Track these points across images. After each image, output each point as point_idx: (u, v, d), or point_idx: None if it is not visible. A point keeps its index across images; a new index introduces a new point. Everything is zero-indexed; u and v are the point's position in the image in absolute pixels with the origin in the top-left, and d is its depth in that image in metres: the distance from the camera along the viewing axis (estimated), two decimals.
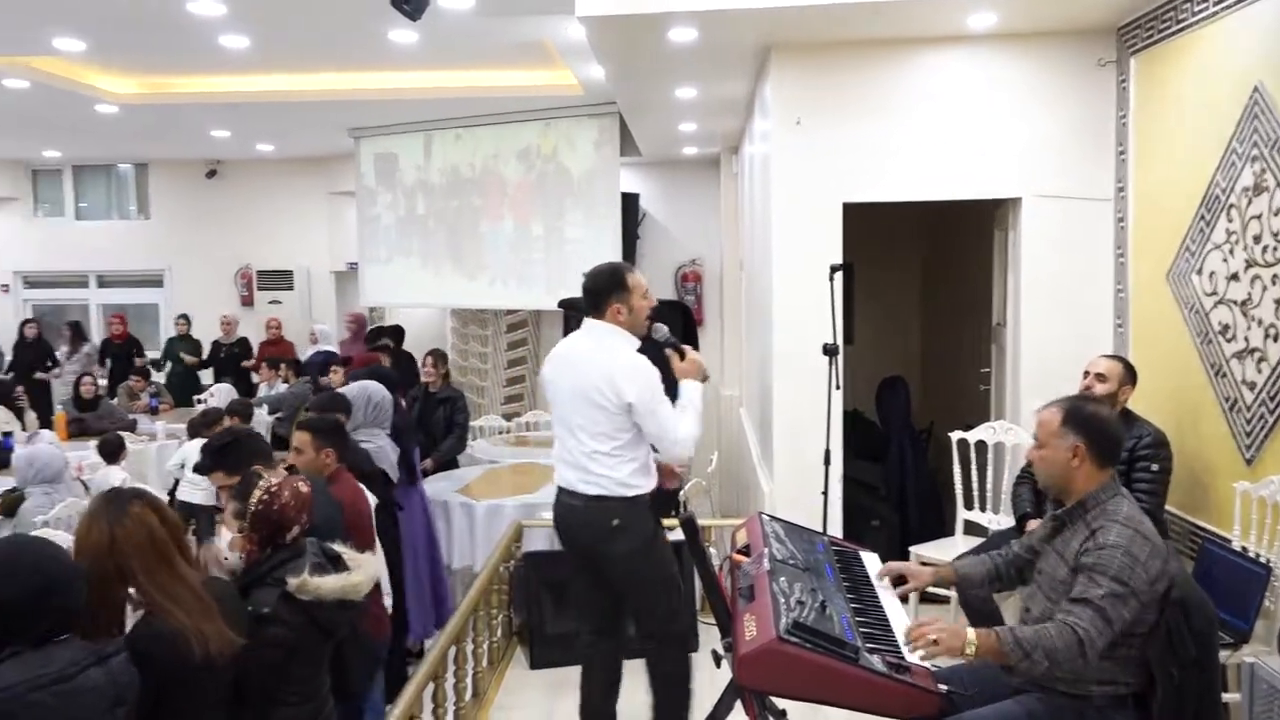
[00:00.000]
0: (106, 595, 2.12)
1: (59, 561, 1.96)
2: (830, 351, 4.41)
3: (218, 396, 8.11)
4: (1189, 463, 3.96)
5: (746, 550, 2.88)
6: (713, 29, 4.82)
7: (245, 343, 10.62)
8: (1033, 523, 3.90)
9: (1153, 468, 3.75)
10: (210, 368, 10.46)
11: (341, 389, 4.81)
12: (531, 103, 8.82)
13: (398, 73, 8.34)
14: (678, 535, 3.20)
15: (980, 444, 4.92)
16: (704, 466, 6.79)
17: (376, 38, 6.64)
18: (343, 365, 6.34)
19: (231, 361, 10.29)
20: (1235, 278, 3.73)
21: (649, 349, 3.48)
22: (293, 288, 12.63)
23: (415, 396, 6.70)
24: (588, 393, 3.35)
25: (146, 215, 12.93)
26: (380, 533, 4.11)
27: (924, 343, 7.85)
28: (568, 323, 5.69)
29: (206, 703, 2.21)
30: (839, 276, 4.54)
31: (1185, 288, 4.09)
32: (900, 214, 6.39)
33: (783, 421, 5.06)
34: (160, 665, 2.06)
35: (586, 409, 3.36)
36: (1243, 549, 3.55)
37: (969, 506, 4.95)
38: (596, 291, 3.43)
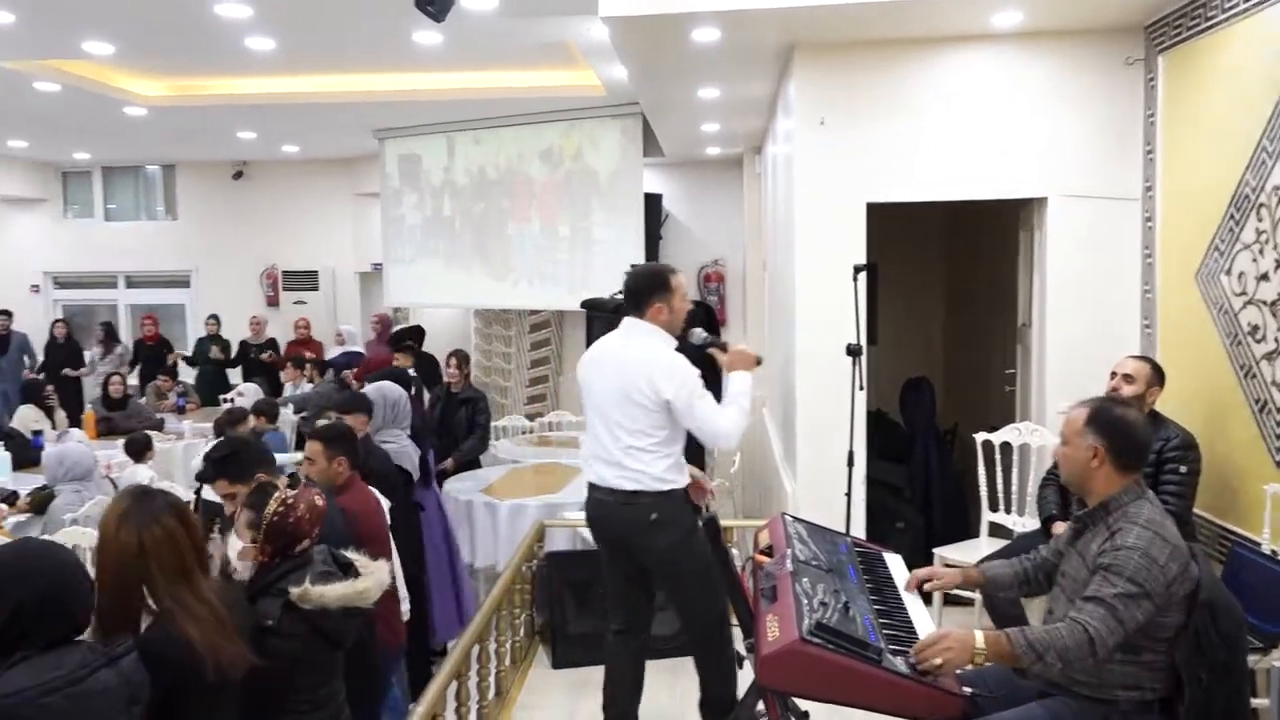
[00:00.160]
0: (125, 598, 2.11)
1: (69, 565, 1.95)
2: (854, 352, 4.39)
3: (246, 396, 8.18)
4: (1218, 465, 3.91)
5: (769, 551, 2.87)
6: (736, 29, 4.81)
7: (274, 343, 10.71)
8: (1058, 525, 3.88)
9: (1181, 470, 3.71)
10: (238, 367, 10.55)
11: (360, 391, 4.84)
12: (554, 103, 8.85)
13: (422, 74, 8.39)
14: None
15: (1005, 445, 4.88)
16: (727, 467, 6.78)
17: (401, 39, 6.68)
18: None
19: (259, 361, 10.37)
20: (1265, 278, 3.68)
21: (686, 349, 3.52)
22: (318, 288, 12.73)
23: (438, 397, 6.72)
24: (627, 390, 3.40)
25: (174, 216, 13.08)
26: (403, 533, 4.13)
27: (948, 343, 7.81)
28: (590, 323, 5.69)
29: (217, 715, 2.19)
30: (863, 276, 4.52)
31: (1214, 288, 4.05)
32: (925, 214, 6.36)
33: (806, 422, 5.05)
34: (171, 669, 2.05)
35: (625, 406, 3.41)
36: (1272, 552, 3.51)
37: (994, 508, 4.92)
38: (640, 291, 3.48)
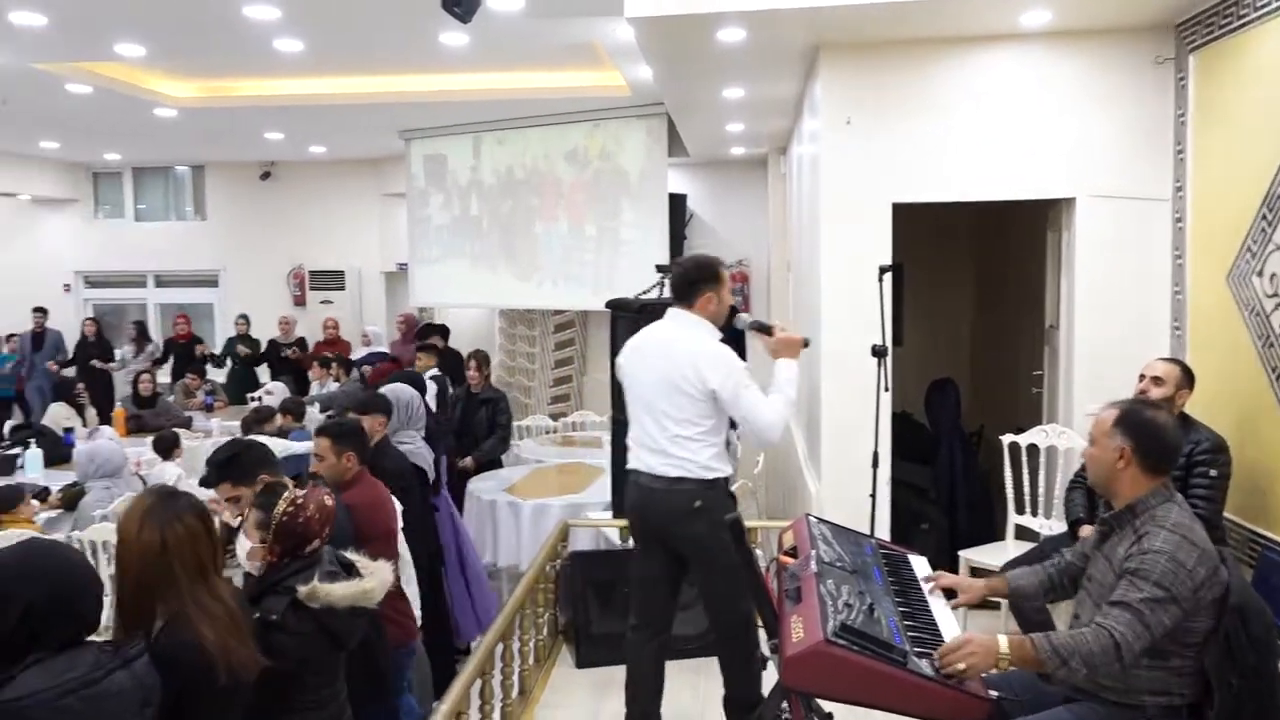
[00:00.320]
0: (144, 597, 2.11)
1: (76, 565, 1.95)
2: (879, 353, 4.37)
3: (274, 394, 8.25)
4: (1248, 468, 3.87)
5: (794, 552, 2.86)
6: (761, 29, 4.80)
7: (303, 343, 10.80)
8: (1085, 528, 3.84)
9: (1211, 473, 3.67)
10: (265, 363, 10.64)
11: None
12: (579, 104, 8.86)
13: (448, 75, 8.43)
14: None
15: (1032, 447, 4.85)
16: (750, 467, 6.77)
17: (428, 40, 6.71)
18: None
19: (287, 360, 10.46)
20: None
21: (729, 339, 3.54)
22: (344, 288, 12.82)
23: (457, 398, 6.73)
24: (674, 379, 3.43)
25: (203, 216, 13.21)
26: (419, 533, 4.12)
27: (974, 344, 7.76)
28: (615, 324, 5.68)
29: (227, 717, 2.19)
30: (888, 277, 4.50)
31: (1246, 289, 4.00)
32: (951, 214, 6.32)
33: (830, 423, 5.03)
34: (183, 672, 2.05)
35: (672, 395, 3.44)
36: None
37: (1020, 511, 4.88)
38: (691, 281, 3.51)
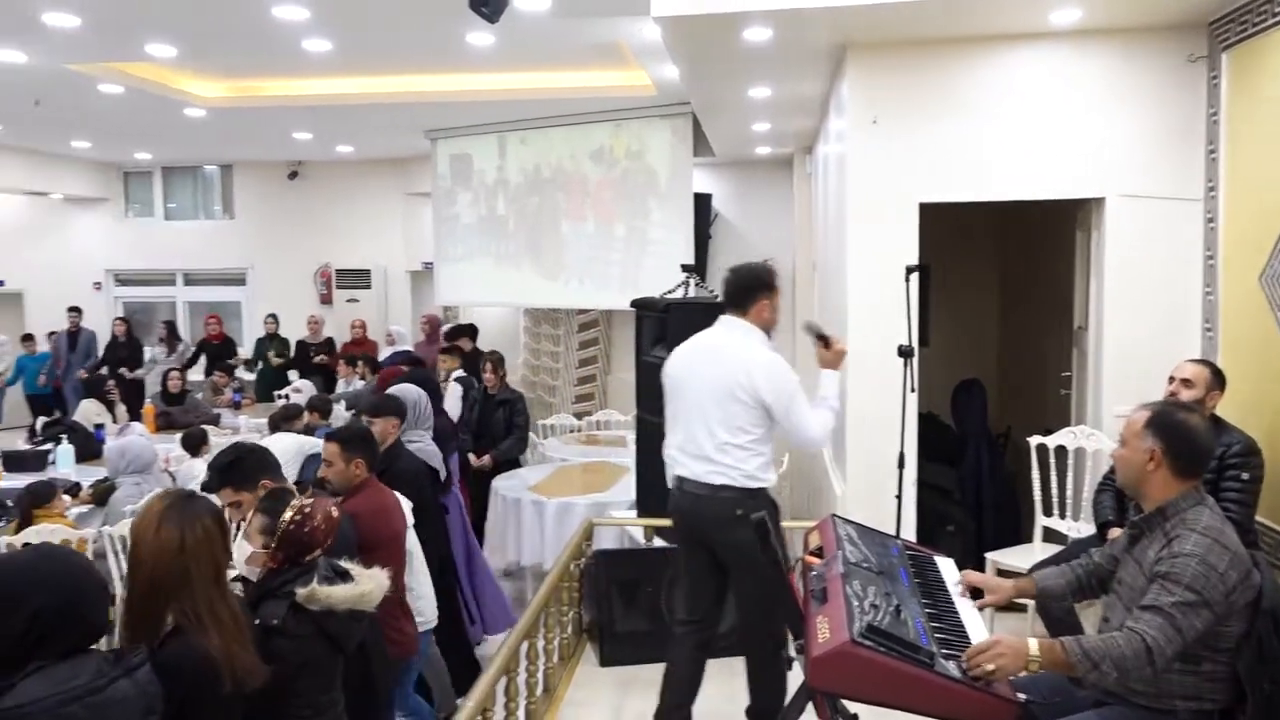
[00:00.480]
0: (156, 599, 2.10)
1: (85, 572, 1.92)
2: (905, 353, 4.36)
3: (302, 392, 8.32)
4: None
5: (819, 552, 2.86)
6: (788, 28, 4.79)
7: (330, 342, 10.88)
8: (1114, 531, 3.81)
9: (1243, 476, 3.63)
10: (295, 369, 10.73)
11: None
12: (605, 103, 8.88)
13: (474, 74, 8.46)
14: None
15: (1060, 449, 4.81)
16: (775, 467, 6.75)
17: (454, 40, 6.74)
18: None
19: (317, 364, 10.55)
20: None
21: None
22: (370, 286, 12.90)
23: (474, 399, 6.74)
24: (728, 387, 3.43)
25: (231, 215, 13.34)
26: (430, 533, 4.10)
27: (1002, 345, 7.70)
28: (640, 324, 5.68)
29: None
30: (915, 277, 4.48)
31: (1279, 291, 3.95)
32: (979, 214, 6.28)
33: (856, 424, 5.01)
34: (188, 680, 2.04)
35: (724, 402, 3.44)
36: None
37: (1048, 513, 4.85)
38: (747, 288, 3.53)
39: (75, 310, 11.24)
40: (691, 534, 3.61)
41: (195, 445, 6.26)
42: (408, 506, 3.82)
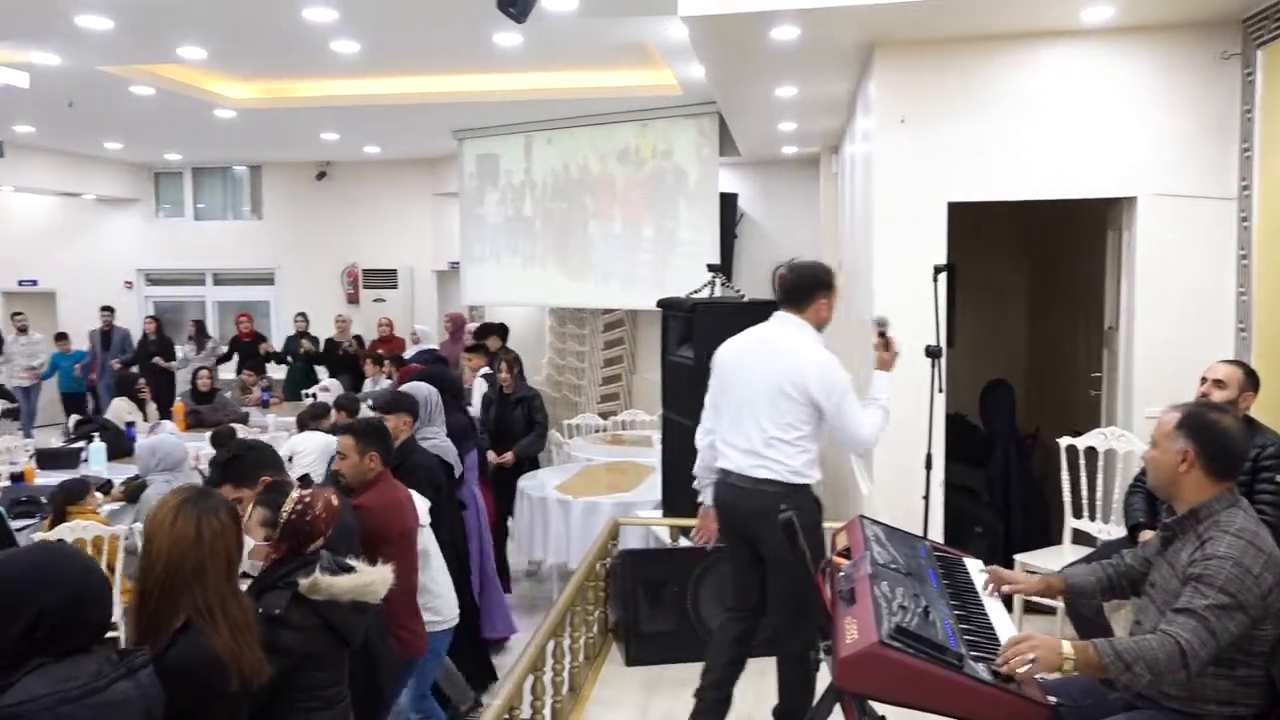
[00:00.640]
0: (168, 594, 2.09)
1: (91, 572, 1.89)
2: (933, 354, 4.33)
3: (330, 391, 8.38)
4: None
5: (847, 553, 2.84)
6: (816, 27, 4.78)
7: (360, 340, 10.96)
8: (1145, 533, 3.77)
9: (1277, 478, 3.58)
10: (324, 365, 10.82)
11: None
12: (631, 103, 8.88)
13: (501, 75, 8.49)
14: None
15: (1090, 451, 4.77)
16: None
17: (482, 41, 6.77)
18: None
19: (345, 359, 10.63)
20: None
21: None
22: (396, 286, 12.98)
23: (490, 400, 6.73)
24: (779, 383, 3.43)
25: (259, 215, 13.46)
26: (446, 528, 4.10)
27: (1030, 346, 7.64)
28: (666, 323, 5.68)
29: None
30: (942, 277, 4.45)
31: None
32: (1007, 213, 6.23)
33: None
34: (196, 683, 2.03)
35: (775, 398, 3.44)
36: None
37: (1077, 515, 4.80)
38: (808, 286, 3.54)
39: (108, 309, 11.39)
40: (734, 527, 3.62)
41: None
42: (424, 506, 3.81)
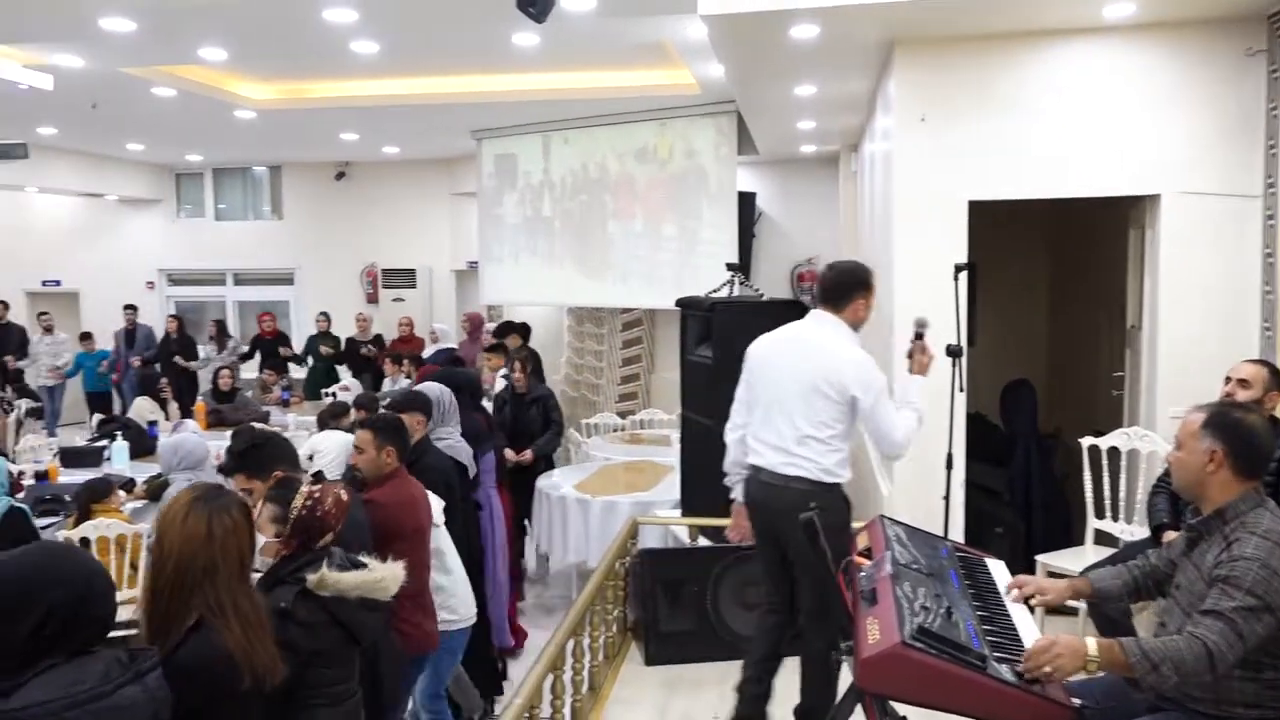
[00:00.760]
0: (179, 591, 2.09)
1: (96, 572, 1.88)
2: (954, 353, 4.31)
3: (350, 390, 8.42)
4: None
5: (868, 553, 2.83)
6: (835, 25, 4.76)
7: (380, 340, 11.01)
8: (1169, 534, 3.73)
9: None
10: (344, 364, 10.87)
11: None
12: (649, 102, 8.88)
13: (520, 75, 8.51)
14: None
15: (1113, 451, 4.73)
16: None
17: (501, 41, 6.78)
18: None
19: (366, 358, 10.68)
20: None
21: None
22: (415, 285, 13.02)
23: (503, 400, 6.73)
24: (815, 381, 3.43)
25: (279, 216, 13.53)
26: (460, 529, 4.10)
27: (1051, 345, 7.59)
28: (685, 323, 5.67)
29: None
30: (963, 276, 4.42)
31: None
32: (1027, 211, 6.19)
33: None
34: (207, 682, 2.02)
35: (810, 396, 3.44)
36: None
37: (1100, 516, 4.77)
38: (847, 286, 3.53)
39: (131, 308, 11.49)
40: (763, 524, 3.63)
41: None
42: (439, 505, 3.82)
